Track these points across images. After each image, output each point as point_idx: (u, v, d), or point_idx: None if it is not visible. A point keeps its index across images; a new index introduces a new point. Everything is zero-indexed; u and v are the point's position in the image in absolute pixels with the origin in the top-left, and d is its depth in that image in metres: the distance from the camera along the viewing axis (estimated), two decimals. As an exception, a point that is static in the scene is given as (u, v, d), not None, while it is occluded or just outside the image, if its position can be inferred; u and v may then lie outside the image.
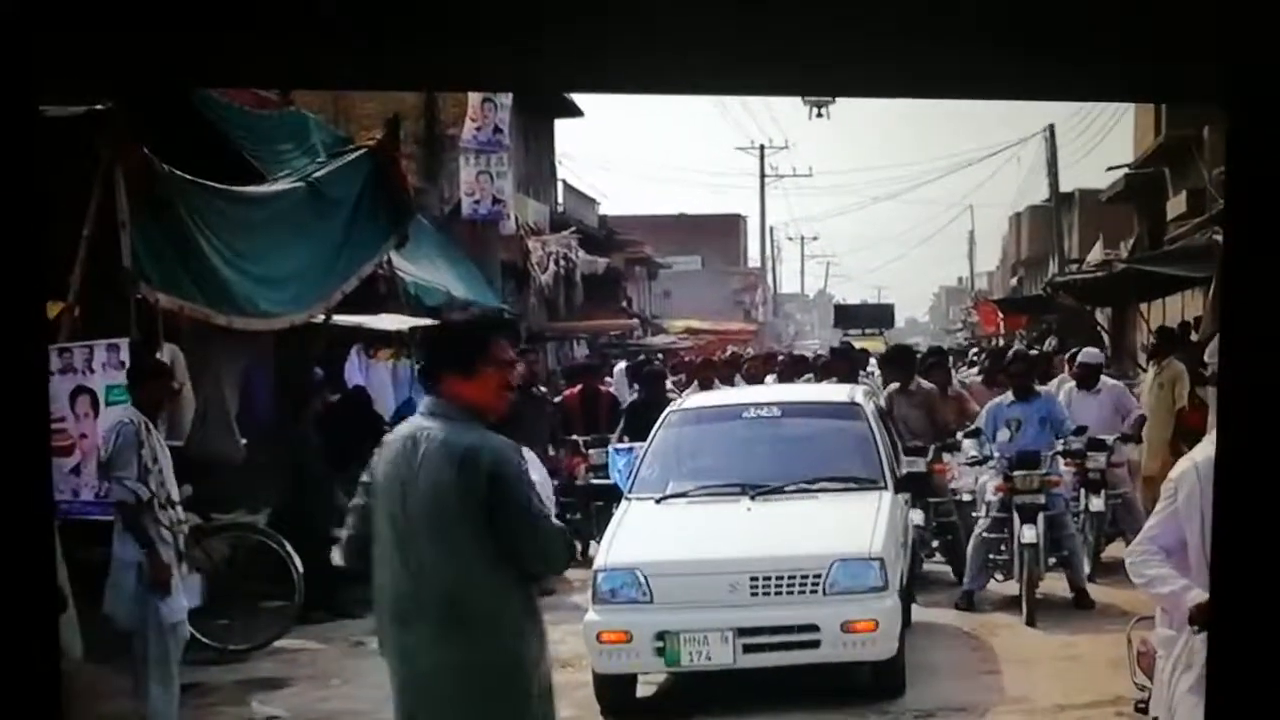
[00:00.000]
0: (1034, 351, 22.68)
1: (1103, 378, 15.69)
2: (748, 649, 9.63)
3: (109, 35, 1.56)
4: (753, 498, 10.69)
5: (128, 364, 10.36)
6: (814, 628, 9.63)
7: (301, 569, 12.37)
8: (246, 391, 14.26)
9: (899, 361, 16.33)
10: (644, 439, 13.03)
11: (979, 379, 19.17)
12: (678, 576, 9.88)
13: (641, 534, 10.42)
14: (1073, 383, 15.74)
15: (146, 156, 10.93)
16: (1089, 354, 16.28)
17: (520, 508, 5.22)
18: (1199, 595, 5.34)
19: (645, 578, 9.77)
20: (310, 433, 14.54)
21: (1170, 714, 5.72)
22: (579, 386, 18.39)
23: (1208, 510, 5.36)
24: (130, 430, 9.37)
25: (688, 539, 10.38)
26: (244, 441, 13.70)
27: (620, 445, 15.56)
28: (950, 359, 21.60)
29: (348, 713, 10.29)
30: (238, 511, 13.11)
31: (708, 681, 10.24)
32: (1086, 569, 13.60)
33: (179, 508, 9.72)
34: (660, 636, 9.61)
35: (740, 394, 15.79)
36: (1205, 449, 5.72)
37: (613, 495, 13.34)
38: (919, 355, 18.38)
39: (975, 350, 36.41)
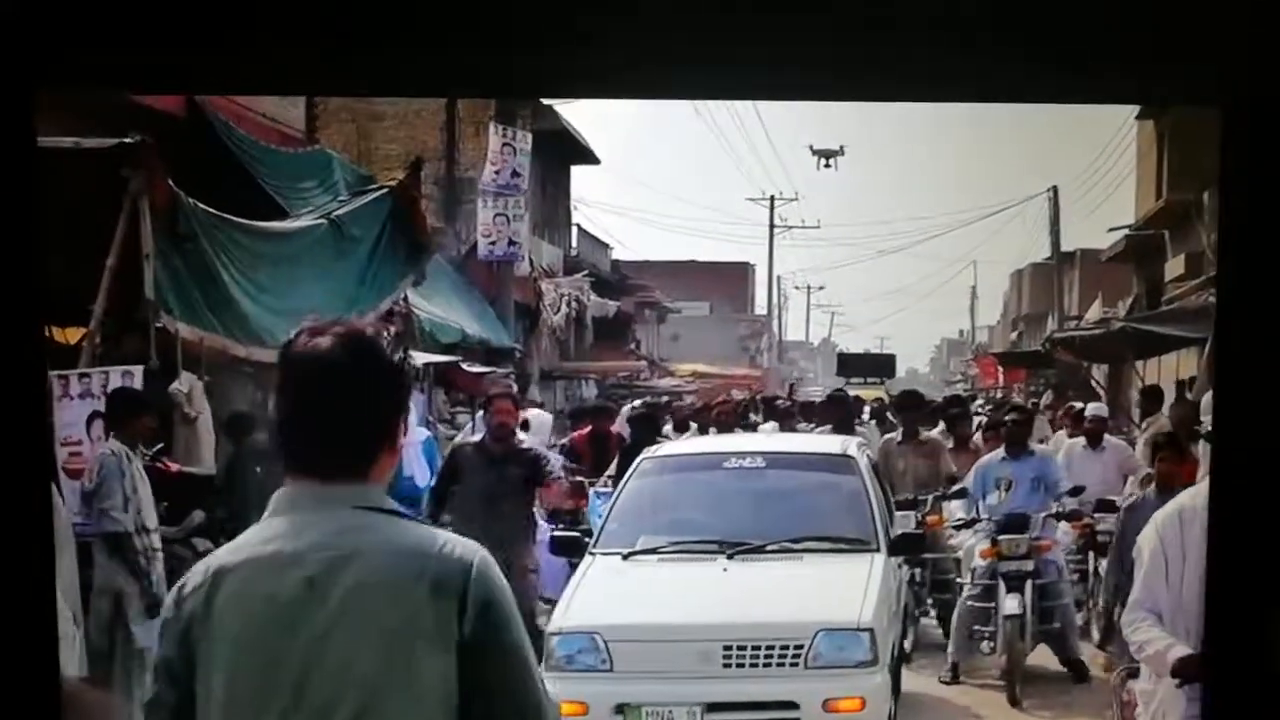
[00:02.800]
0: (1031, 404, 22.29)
1: (1105, 436, 14.46)
2: None
3: (110, 36, 1.52)
4: (730, 557, 9.46)
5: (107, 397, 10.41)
6: (793, 705, 8.44)
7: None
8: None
9: (914, 407, 15.35)
10: None
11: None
12: (642, 643, 8.69)
13: (603, 594, 9.22)
14: (1072, 440, 14.65)
15: (172, 189, 10.98)
16: (1098, 408, 14.98)
17: (523, 657, 3.05)
18: (1180, 650, 5.35)
19: (605, 643, 8.60)
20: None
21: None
22: (588, 428, 17.38)
23: (1172, 559, 5.45)
24: (113, 461, 9.53)
25: (655, 601, 9.18)
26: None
27: (603, 489, 13.62)
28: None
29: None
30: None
31: None
32: (1097, 636, 12.27)
33: (154, 535, 9.86)
34: (620, 710, 8.46)
35: (721, 442, 14.15)
36: (1167, 509, 5.77)
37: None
38: (935, 404, 17.84)
39: (980, 402, 36.07)
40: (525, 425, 14.53)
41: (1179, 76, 1.61)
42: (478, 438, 10.93)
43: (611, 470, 14.05)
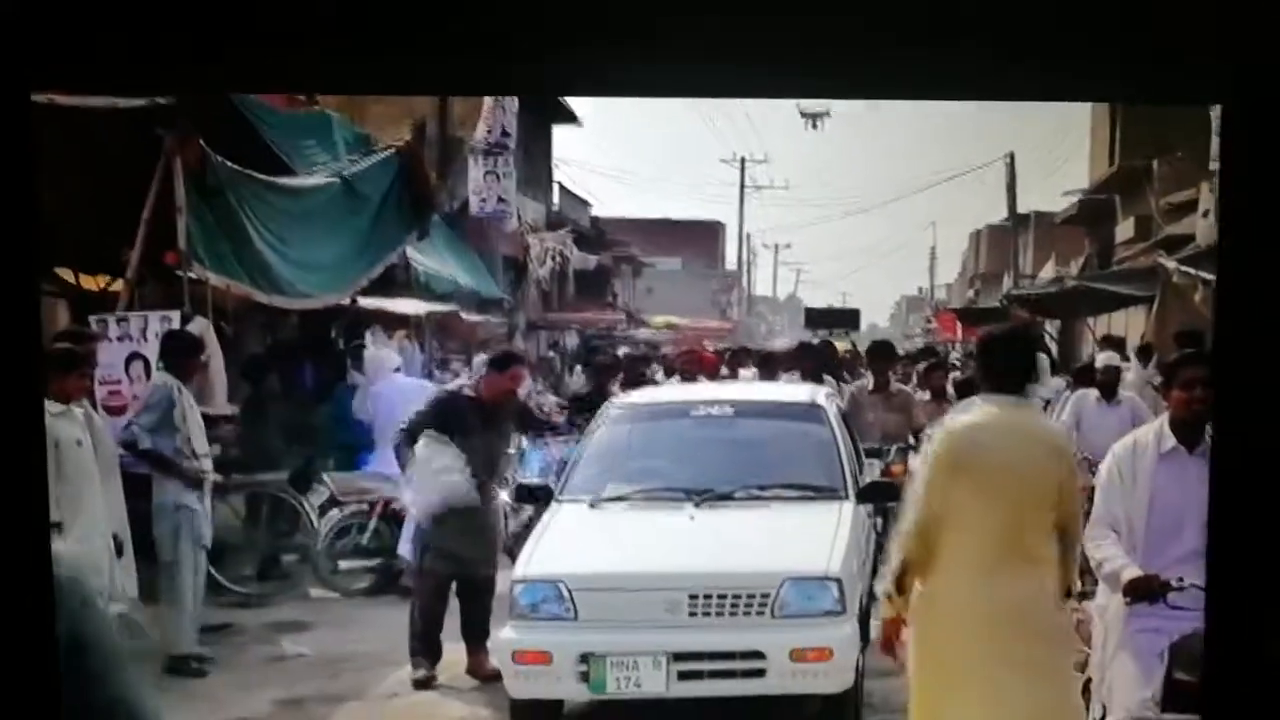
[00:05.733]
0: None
1: (1120, 389, 12.96)
2: (683, 676, 8.01)
3: (109, 38, 1.47)
4: (697, 505, 9.04)
5: (162, 337, 10.85)
6: (759, 655, 8.00)
7: (318, 524, 12.86)
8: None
9: (886, 356, 14.69)
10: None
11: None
12: (607, 591, 8.28)
13: (568, 541, 8.81)
14: (1082, 391, 13.25)
15: (202, 147, 11.29)
16: (1109, 358, 13.36)
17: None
18: (1134, 571, 5.83)
19: (570, 591, 8.19)
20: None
21: (1103, 673, 6.15)
22: (622, 376, 16.02)
23: (1125, 480, 6.01)
24: (165, 391, 10.15)
25: (620, 549, 8.76)
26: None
27: (536, 438, 12.76)
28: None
29: (364, 654, 10.62)
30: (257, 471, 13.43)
31: (638, 709, 8.58)
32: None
33: (204, 460, 10.44)
34: (584, 659, 8.03)
35: (690, 390, 13.16)
36: (1124, 440, 6.30)
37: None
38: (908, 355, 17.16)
39: (956, 356, 36.02)
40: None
41: (1179, 76, 1.57)
42: (467, 389, 10.28)
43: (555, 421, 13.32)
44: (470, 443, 9.84)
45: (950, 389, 14.45)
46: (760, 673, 8.01)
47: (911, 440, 12.55)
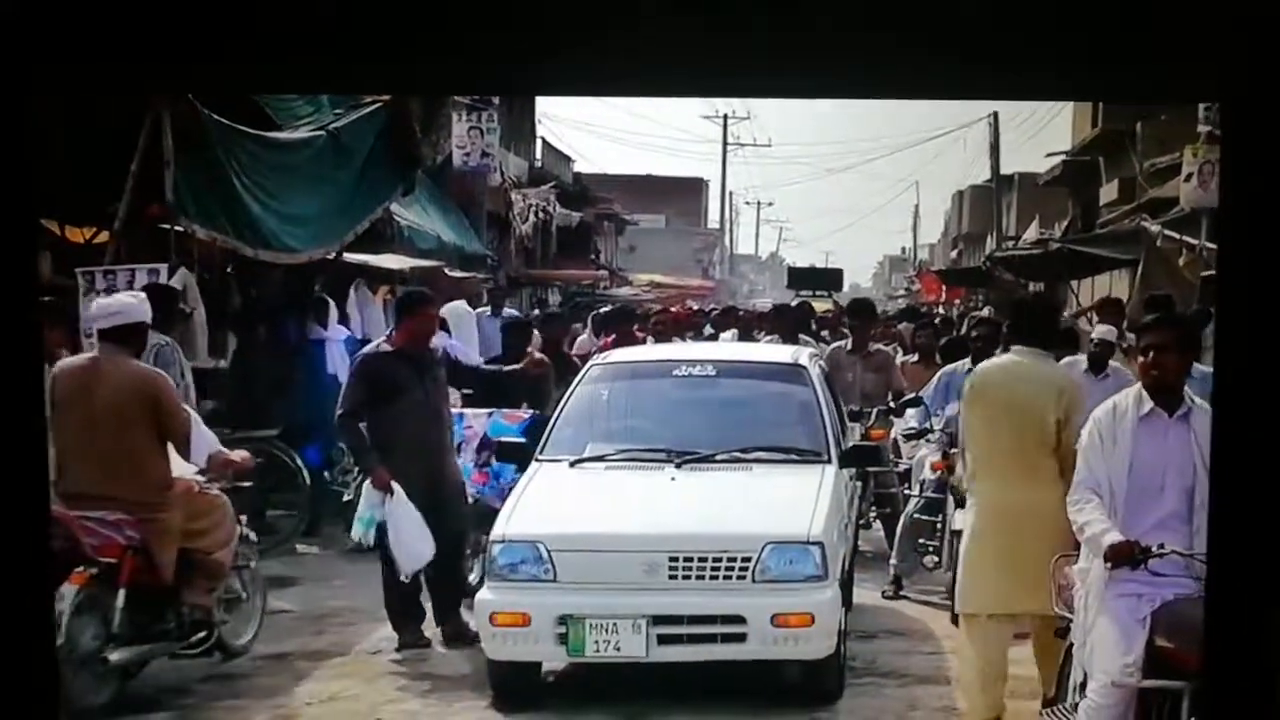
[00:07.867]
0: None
1: (1110, 362, 11.66)
2: (663, 640, 7.97)
3: (109, 38, 1.48)
4: (678, 466, 8.92)
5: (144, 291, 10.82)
6: (740, 619, 7.95)
7: (310, 480, 12.87)
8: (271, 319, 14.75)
9: (866, 315, 14.42)
10: (505, 405, 11.37)
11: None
12: (586, 552, 8.20)
13: (548, 502, 8.69)
14: (1070, 359, 11.49)
15: (191, 101, 11.26)
16: (1106, 331, 12.09)
17: None
18: (1115, 537, 5.93)
19: (549, 552, 8.11)
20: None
21: (1084, 637, 6.24)
22: (612, 336, 15.65)
23: (1105, 442, 6.20)
24: (168, 351, 10.08)
25: (600, 510, 8.67)
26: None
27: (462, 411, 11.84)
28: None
29: (349, 610, 10.67)
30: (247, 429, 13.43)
31: (616, 670, 8.47)
32: None
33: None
34: (563, 621, 7.97)
35: (672, 350, 12.60)
36: (1104, 405, 6.44)
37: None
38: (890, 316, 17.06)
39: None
40: (444, 325, 13.46)
41: (1179, 76, 1.57)
42: (384, 345, 9.84)
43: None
44: (409, 400, 9.58)
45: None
46: (741, 637, 7.98)
47: (891, 403, 12.36)
